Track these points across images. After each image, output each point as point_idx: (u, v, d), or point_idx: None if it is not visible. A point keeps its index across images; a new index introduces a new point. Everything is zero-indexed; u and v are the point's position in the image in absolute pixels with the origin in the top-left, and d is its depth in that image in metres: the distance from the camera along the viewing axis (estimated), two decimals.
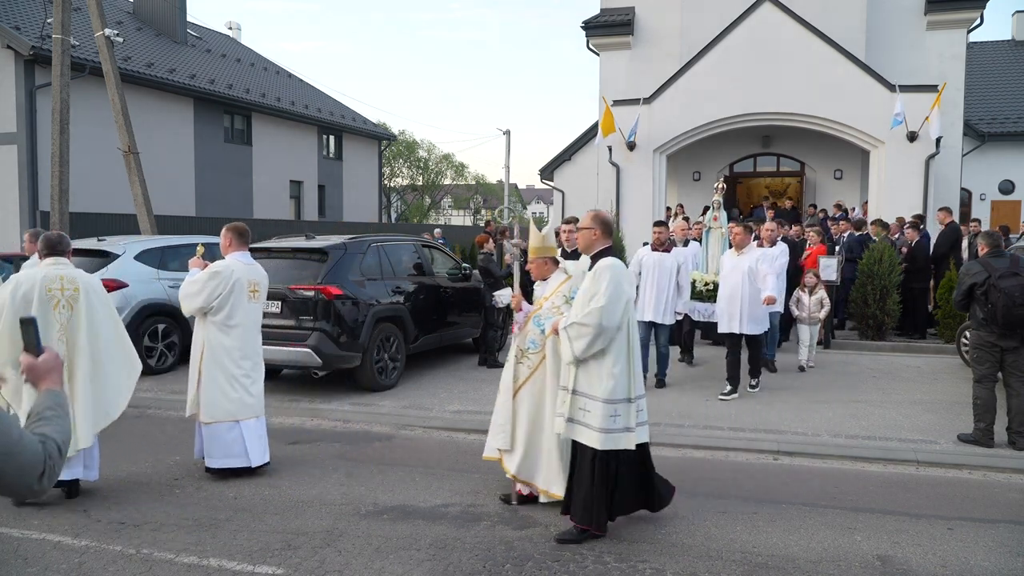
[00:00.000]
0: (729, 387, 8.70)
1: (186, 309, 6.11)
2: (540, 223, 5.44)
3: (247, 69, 29.73)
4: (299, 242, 9.56)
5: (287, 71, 33.45)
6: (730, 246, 9.04)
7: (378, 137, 35.85)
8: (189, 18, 28.74)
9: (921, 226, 13.48)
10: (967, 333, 9.32)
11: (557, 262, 5.33)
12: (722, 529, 5.07)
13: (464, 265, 11.56)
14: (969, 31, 19.49)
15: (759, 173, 21.93)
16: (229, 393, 6.04)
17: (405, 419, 7.90)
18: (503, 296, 10.98)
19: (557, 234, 8.51)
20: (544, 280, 5.34)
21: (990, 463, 6.48)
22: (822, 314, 10.41)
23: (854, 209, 17.92)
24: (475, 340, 11.63)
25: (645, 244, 10.30)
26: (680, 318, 9.84)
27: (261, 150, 27.51)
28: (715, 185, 10.87)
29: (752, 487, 5.92)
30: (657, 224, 9.22)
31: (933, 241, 13.46)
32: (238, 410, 6.06)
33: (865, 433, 7.33)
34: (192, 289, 6.02)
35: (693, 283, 9.91)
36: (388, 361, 9.33)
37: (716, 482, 6.04)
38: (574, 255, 10.25)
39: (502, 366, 10.87)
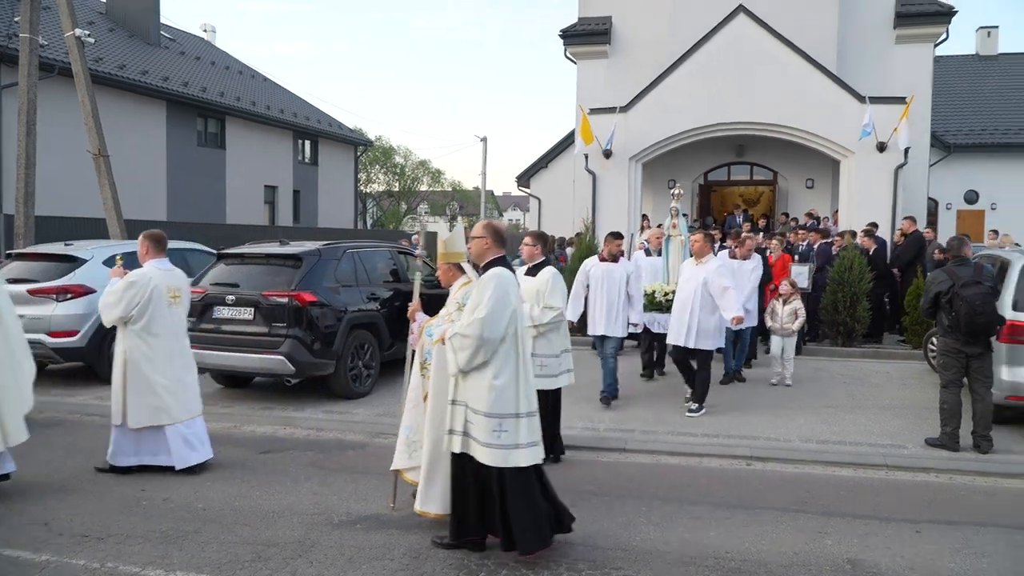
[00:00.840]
0: (696, 404, 8.37)
1: (106, 320, 6.20)
2: (452, 226, 5.32)
3: (222, 72, 29.49)
4: (273, 248, 9.47)
5: (262, 75, 33.26)
6: (691, 255, 8.66)
7: (354, 143, 35.71)
8: (163, 19, 28.48)
9: (875, 233, 13.67)
10: (934, 339, 9.44)
11: (462, 269, 5.20)
12: (696, 534, 5.07)
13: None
14: (936, 45, 19.82)
15: (733, 182, 22.11)
16: (153, 401, 6.15)
17: (379, 427, 7.83)
18: None
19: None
20: (451, 287, 5.24)
21: (956, 466, 6.57)
22: (795, 325, 9.83)
23: (827, 218, 18.14)
24: None
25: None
26: (638, 330, 9.44)
27: (235, 154, 27.28)
28: (672, 191, 10.34)
29: (725, 492, 5.94)
30: (614, 235, 8.82)
31: (890, 250, 13.67)
32: (163, 415, 6.18)
33: (836, 438, 7.40)
34: (111, 300, 6.12)
35: (652, 293, 9.53)
36: (362, 368, 9.26)
37: (690, 488, 6.05)
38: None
39: None
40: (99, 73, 20.30)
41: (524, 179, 26.72)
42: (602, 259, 8.72)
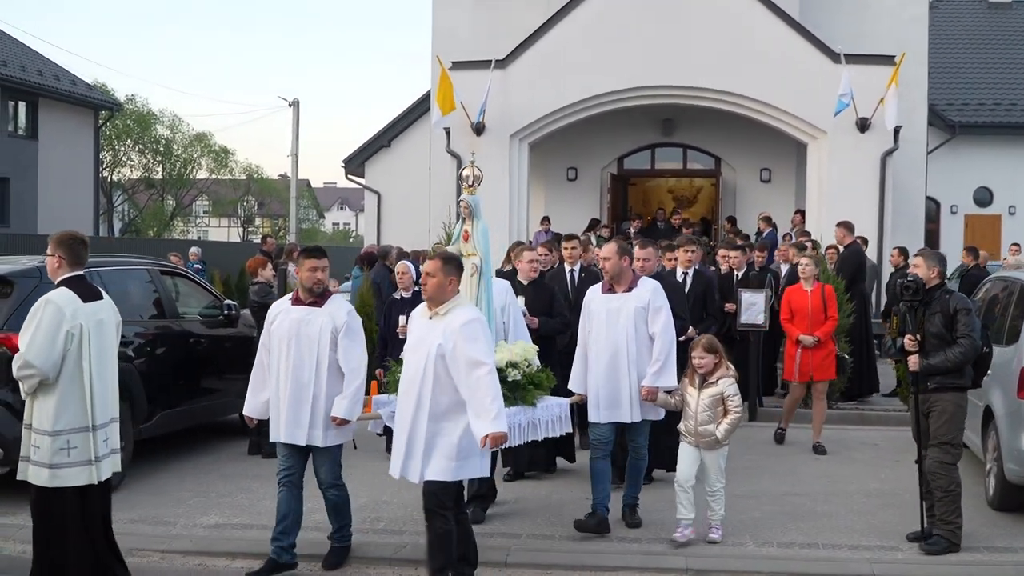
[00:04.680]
0: None
1: None
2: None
3: None
4: None
5: None
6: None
7: (95, 105, 34.74)
8: None
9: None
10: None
11: None
12: None
13: (228, 303, 11.32)
14: None
15: (659, 171, 22.74)
16: None
17: (133, 540, 7.55)
18: None
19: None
20: None
21: (970, 573, 6.96)
22: (722, 430, 7.56)
23: (787, 235, 18.68)
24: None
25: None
26: (377, 429, 7.95)
27: None
28: (462, 171, 8.36)
29: None
30: (309, 253, 7.28)
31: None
32: None
33: (805, 539, 7.67)
34: None
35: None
36: None
37: None
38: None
39: None
40: None
41: (355, 164, 26.62)
42: (296, 300, 7.13)
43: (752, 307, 12.19)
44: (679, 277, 10.46)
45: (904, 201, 19.60)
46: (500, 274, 11.42)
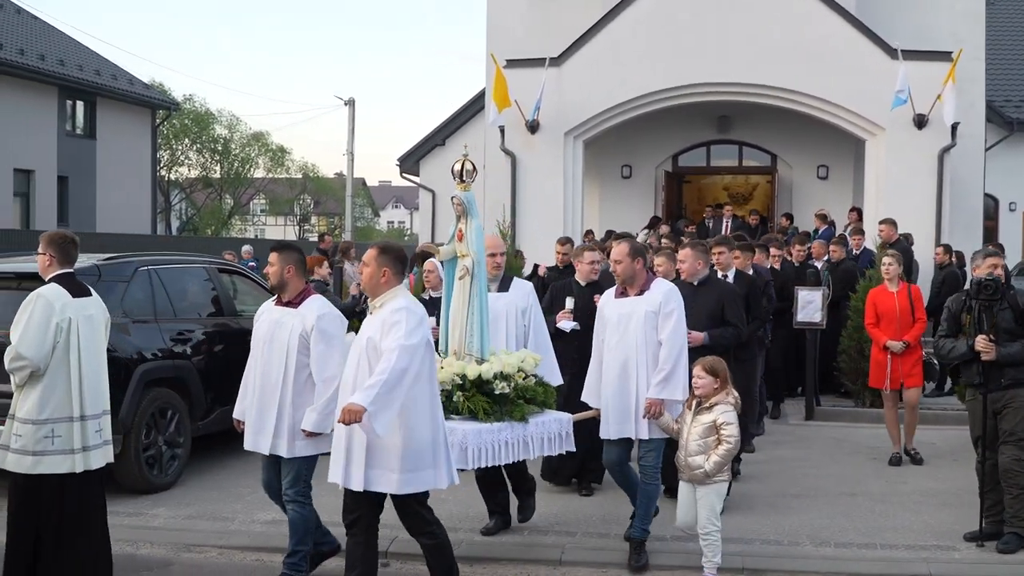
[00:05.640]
0: None
1: None
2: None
3: None
4: (24, 264, 9.20)
5: (13, 3, 32.41)
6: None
7: (152, 104, 35.11)
8: None
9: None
10: None
11: None
12: None
13: None
14: None
15: (714, 168, 22.60)
16: None
17: (191, 535, 7.72)
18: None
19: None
20: None
21: None
22: (711, 462, 6.64)
23: (842, 234, 18.49)
24: None
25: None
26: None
27: None
28: (454, 166, 7.62)
29: None
30: (279, 248, 7.05)
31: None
32: None
33: (862, 539, 7.62)
34: None
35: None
36: (164, 447, 9.08)
37: None
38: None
39: None
40: None
41: (410, 163, 26.76)
42: (278, 300, 6.92)
43: (809, 305, 12.12)
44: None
45: (962, 198, 19.32)
46: (556, 271, 11.45)
